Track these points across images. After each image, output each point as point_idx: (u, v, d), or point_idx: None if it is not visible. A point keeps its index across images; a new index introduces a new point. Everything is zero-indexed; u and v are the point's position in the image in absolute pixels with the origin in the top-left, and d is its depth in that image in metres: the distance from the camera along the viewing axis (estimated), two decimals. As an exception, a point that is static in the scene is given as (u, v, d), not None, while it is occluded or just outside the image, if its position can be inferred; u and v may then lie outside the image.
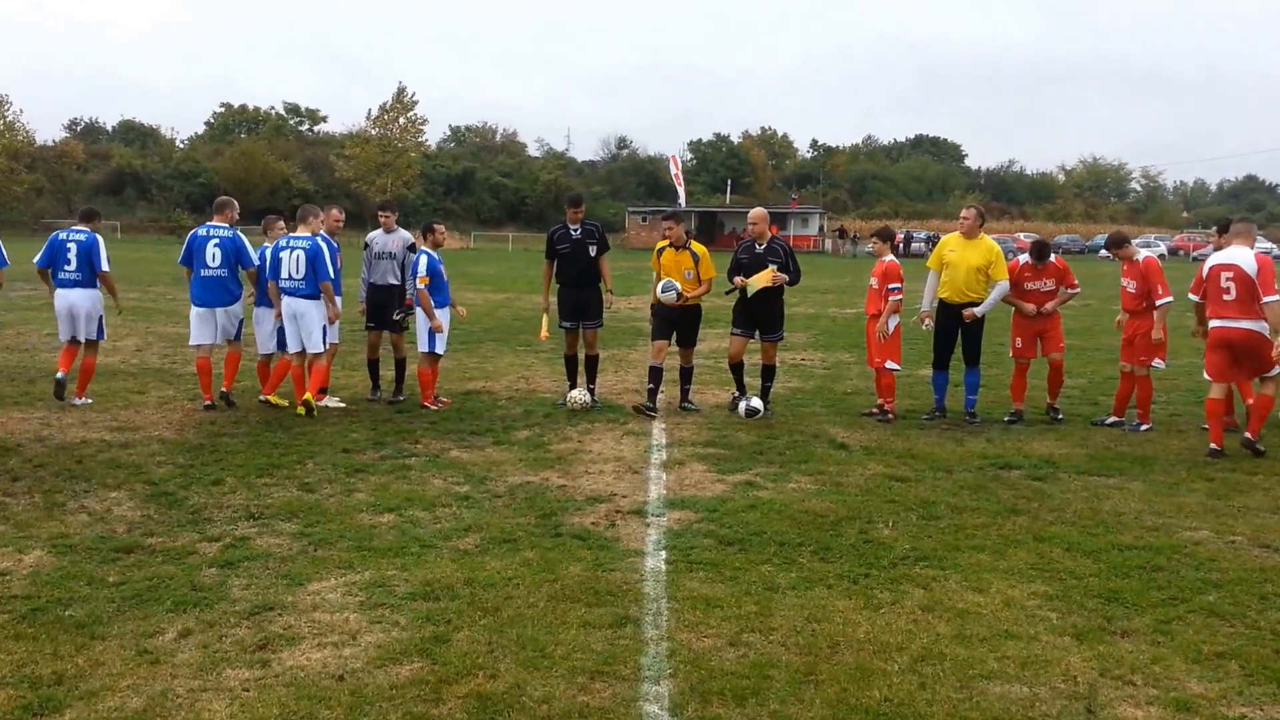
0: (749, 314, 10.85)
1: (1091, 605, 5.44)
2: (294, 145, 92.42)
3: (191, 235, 10.74)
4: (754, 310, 10.75)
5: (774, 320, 10.81)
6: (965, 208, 10.86)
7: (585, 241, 11.05)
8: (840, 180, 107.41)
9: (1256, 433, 8.94)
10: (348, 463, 8.28)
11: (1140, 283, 10.02)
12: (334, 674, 4.51)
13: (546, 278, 11.27)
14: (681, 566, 5.93)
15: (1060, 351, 10.66)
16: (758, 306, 10.71)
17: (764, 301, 10.66)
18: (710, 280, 10.87)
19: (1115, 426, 10.07)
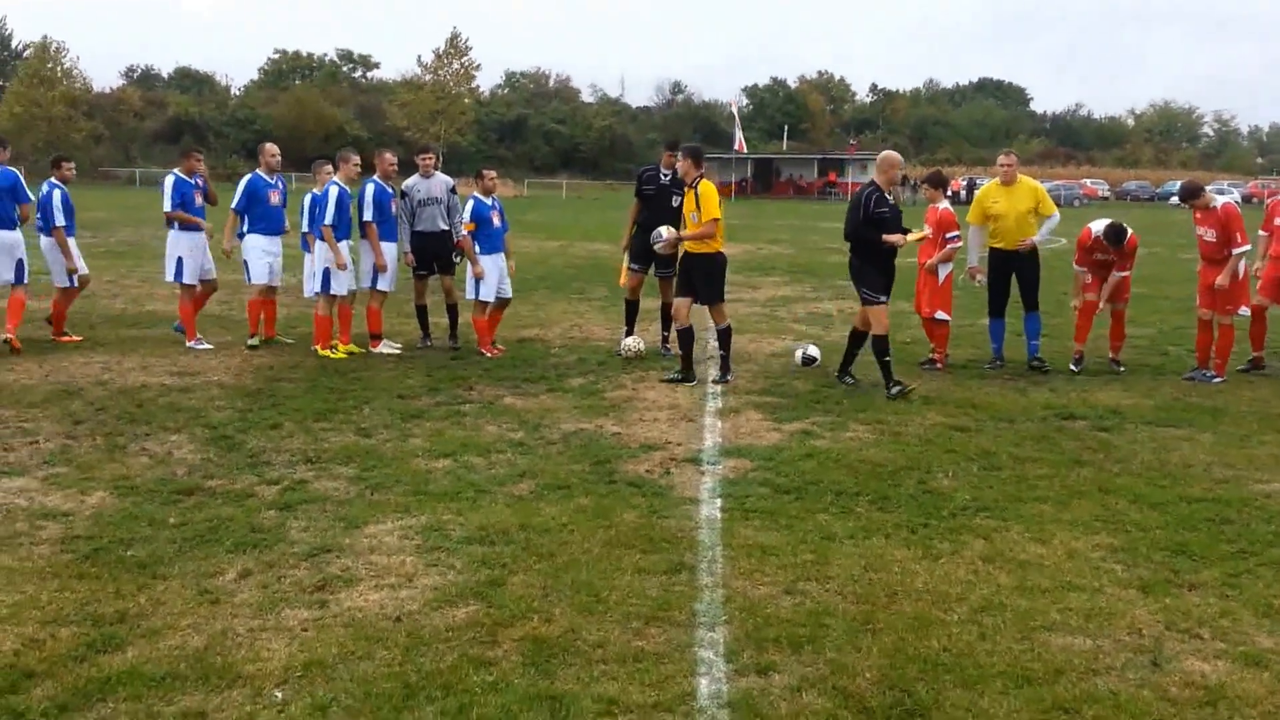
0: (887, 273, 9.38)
1: (1158, 558, 5.31)
2: (347, 92, 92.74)
3: None
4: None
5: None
6: (1004, 154, 10.47)
7: (670, 189, 10.49)
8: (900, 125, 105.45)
9: None
10: (403, 408, 8.32)
11: (1220, 230, 9.69)
12: (391, 615, 4.55)
13: (630, 218, 10.84)
14: (736, 514, 5.89)
15: (1124, 302, 10.36)
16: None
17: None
18: (713, 222, 9.27)
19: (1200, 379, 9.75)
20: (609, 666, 4.11)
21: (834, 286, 17.91)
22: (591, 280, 18.25)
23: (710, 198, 9.23)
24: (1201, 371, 9.84)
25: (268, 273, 10.95)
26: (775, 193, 76.97)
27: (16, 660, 4.09)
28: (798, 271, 20.59)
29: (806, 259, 23.57)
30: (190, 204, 10.86)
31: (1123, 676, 4.09)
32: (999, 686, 3.98)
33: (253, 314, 11.06)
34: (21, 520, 5.67)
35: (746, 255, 23.87)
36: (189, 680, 3.98)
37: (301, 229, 10.83)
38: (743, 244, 26.53)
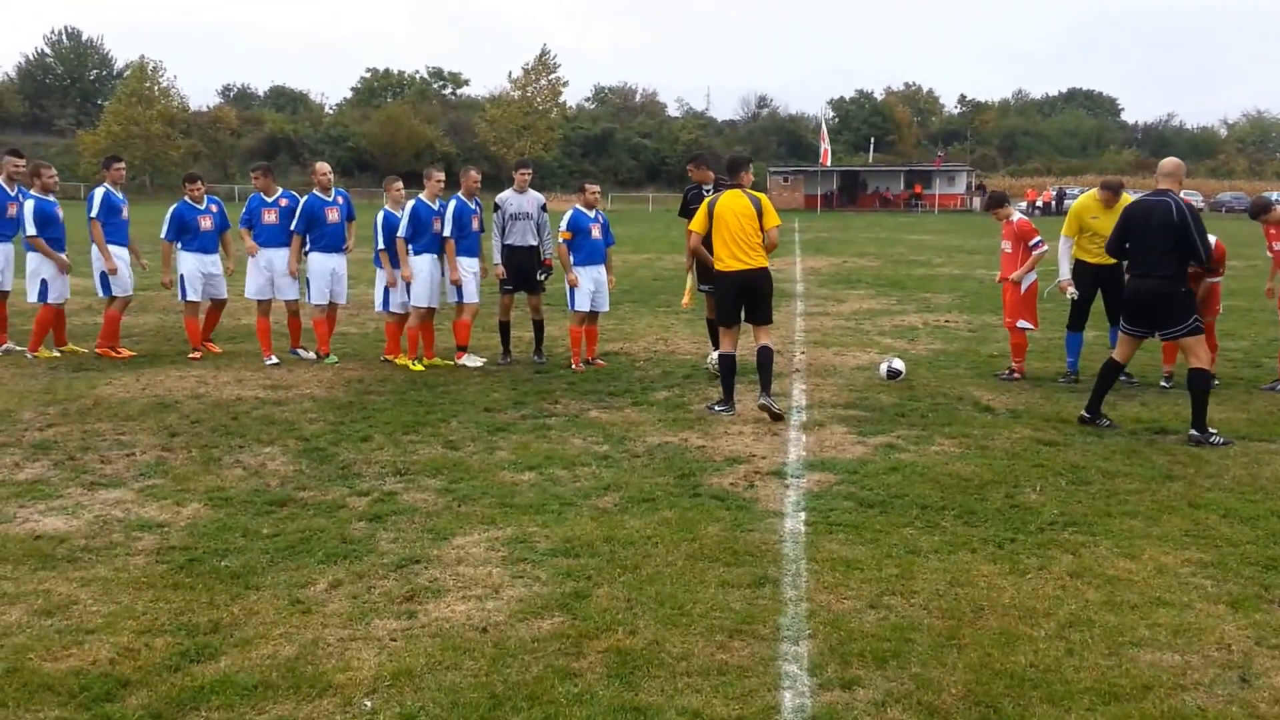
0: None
1: (1248, 573, 5.17)
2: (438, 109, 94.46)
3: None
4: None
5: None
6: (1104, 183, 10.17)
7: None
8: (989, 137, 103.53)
9: None
10: (490, 422, 8.46)
11: None
12: (478, 626, 4.62)
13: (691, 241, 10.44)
14: (821, 528, 5.87)
15: (1214, 314, 10.00)
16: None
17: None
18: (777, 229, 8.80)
19: None
20: (693, 679, 4.13)
21: (919, 300, 17.70)
22: (677, 294, 18.24)
23: (770, 204, 8.80)
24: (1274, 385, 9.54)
25: (328, 292, 11.22)
26: (861, 205, 76.17)
27: (112, 669, 4.18)
28: (883, 284, 20.38)
29: (892, 272, 23.31)
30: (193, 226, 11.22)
31: (1211, 693, 4.00)
32: (1086, 703, 3.92)
33: (318, 332, 11.35)
34: (118, 531, 5.83)
35: (832, 268, 23.71)
36: (280, 689, 4.05)
37: (376, 246, 11.01)
38: (829, 257, 26.37)
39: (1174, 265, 7.86)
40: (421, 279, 10.75)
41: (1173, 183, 8.09)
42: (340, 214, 11.29)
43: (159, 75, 77.58)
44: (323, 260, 11.20)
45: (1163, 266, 7.85)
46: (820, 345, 12.51)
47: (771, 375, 8.64)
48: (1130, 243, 8.09)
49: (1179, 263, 7.87)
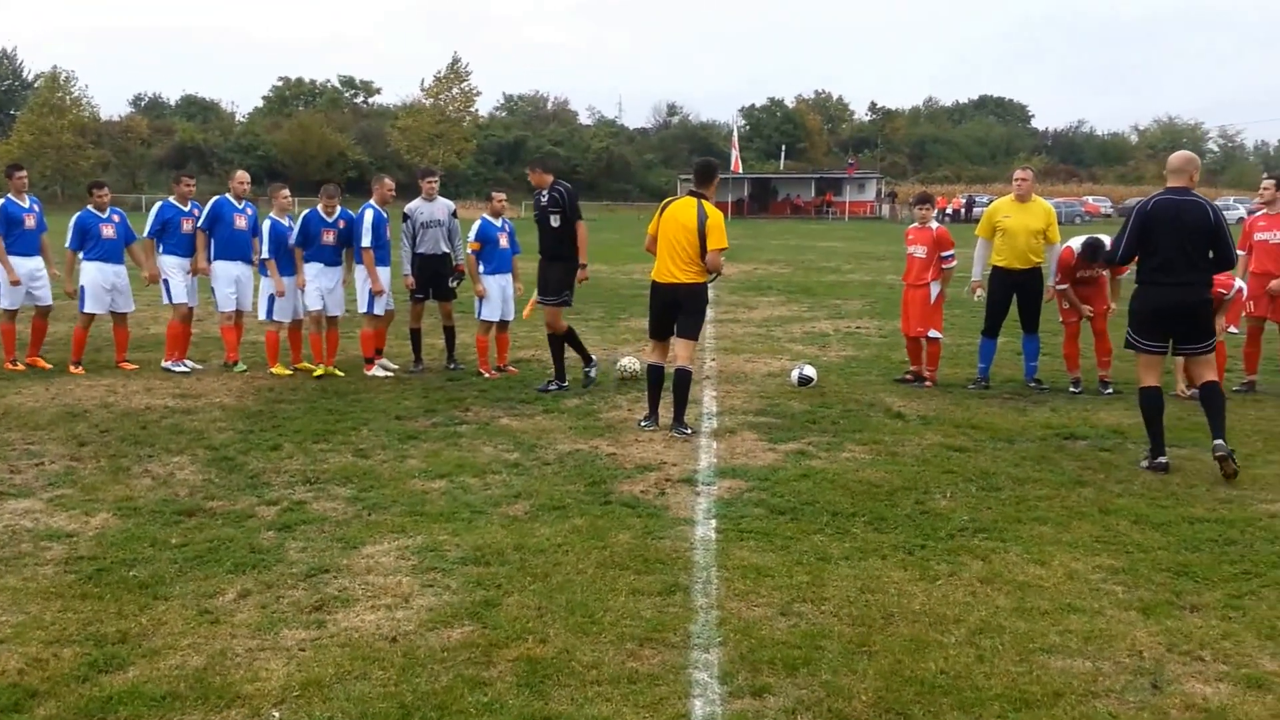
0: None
1: (1159, 579, 5.29)
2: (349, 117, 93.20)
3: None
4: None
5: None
6: (1021, 169, 10.47)
7: (547, 209, 10.00)
8: (899, 144, 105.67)
9: None
10: (400, 429, 8.33)
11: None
12: (387, 635, 4.55)
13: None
14: (732, 535, 5.87)
15: (1102, 313, 10.18)
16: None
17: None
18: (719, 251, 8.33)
19: None
20: (603, 688, 4.09)
21: (830, 306, 17.94)
22: (588, 301, 18.26)
23: (720, 225, 8.31)
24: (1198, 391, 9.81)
25: (233, 299, 11.00)
26: (773, 212, 77.13)
27: (20, 679, 4.13)
28: (794, 291, 20.61)
29: (803, 278, 23.60)
30: (176, 229, 10.93)
31: (1122, 699, 4.06)
32: (996, 710, 3.96)
33: (226, 340, 11.11)
34: (26, 541, 5.71)
35: (743, 275, 23.92)
36: (189, 700, 4.00)
37: (261, 255, 10.79)
38: (740, 264, 26.59)
39: (1208, 272, 7.25)
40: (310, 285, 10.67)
41: (1186, 179, 7.27)
42: (248, 223, 11.07)
43: (70, 85, 75.68)
44: (227, 268, 10.95)
45: (1197, 273, 7.15)
46: (731, 352, 12.58)
47: (686, 402, 8.49)
48: (1154, 247, 7.21)
49: (1210, 270, 7.27)
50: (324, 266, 10.72)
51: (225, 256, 10.95)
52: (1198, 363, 7.36)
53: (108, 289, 10.89)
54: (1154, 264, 7.22)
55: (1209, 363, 7.33)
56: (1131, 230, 7.31)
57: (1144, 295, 7.33)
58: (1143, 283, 7.35)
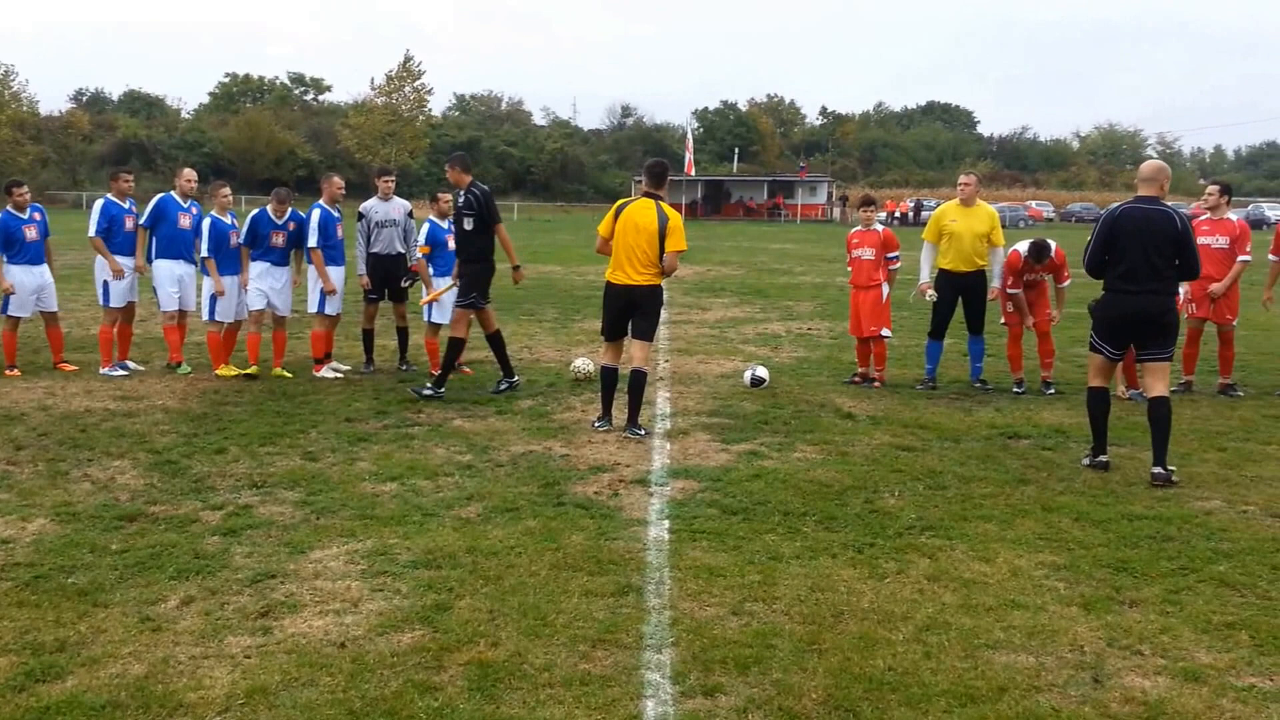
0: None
1: (1100, 575, 5.39)
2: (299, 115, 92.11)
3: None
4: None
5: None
6: (965, 174, 10.65)
7: (461, 211, 9.75)
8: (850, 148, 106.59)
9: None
10: (350, 432, 8.25)
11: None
12: (335, 641, 4.50)
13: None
14: (684, 535, 5.89)
15: (1045, 318, 10.39)
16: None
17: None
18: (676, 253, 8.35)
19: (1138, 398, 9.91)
20: (555, 690, 4.09)
21: (782, 308, 18.06)
22: (542, 302, 18.25)
23: (680, 227, 8.33)
24: (1139, 392, 10.02)
25: (176, 298, 10.84)
26: (725, 214, 77.42)
27: None
28: (747, 293, 20.72)
29: (755, 280, 23.73)
30: (119, 228, 10.73)
31: (1064, 694, 4.14)
32: (943, 705, 4.01)
33: (169, 340, 10.96)
34: None
35: (697, 276, 24.00)
36: (129, 709, 3.92)
37: (201, 253, 10.65)
38: (693, 265, 26.67)
39: (1174, 280, 7.35)
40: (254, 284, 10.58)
41: (1156, 188, 7.33)
42: (193, 222, 10.90)
43: (10, 80, 73.85)
44: (170, 267, 10.80)
45: (1163, 280, 7.21)
46: (685, 353, 12.62)
47: (641, 403, 8.50)
48: (1121, 254, 7.23)
49: (1177, 277, 7.37)
50: (270, 266, 10.60)
51: (169, 255, 10.78)
52: (1152, 371, 7.39)
53: (32, 291, 10.65)
54: (1120, 271, 7.25)
55: (1164, 373, 7.35)
56: (1098, 238, 7.33)
57: (1109, 302, 7.37)
58: (1109, 290, 7.39)
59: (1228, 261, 10.13)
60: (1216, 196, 10.47)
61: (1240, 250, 10.12)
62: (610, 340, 8.64)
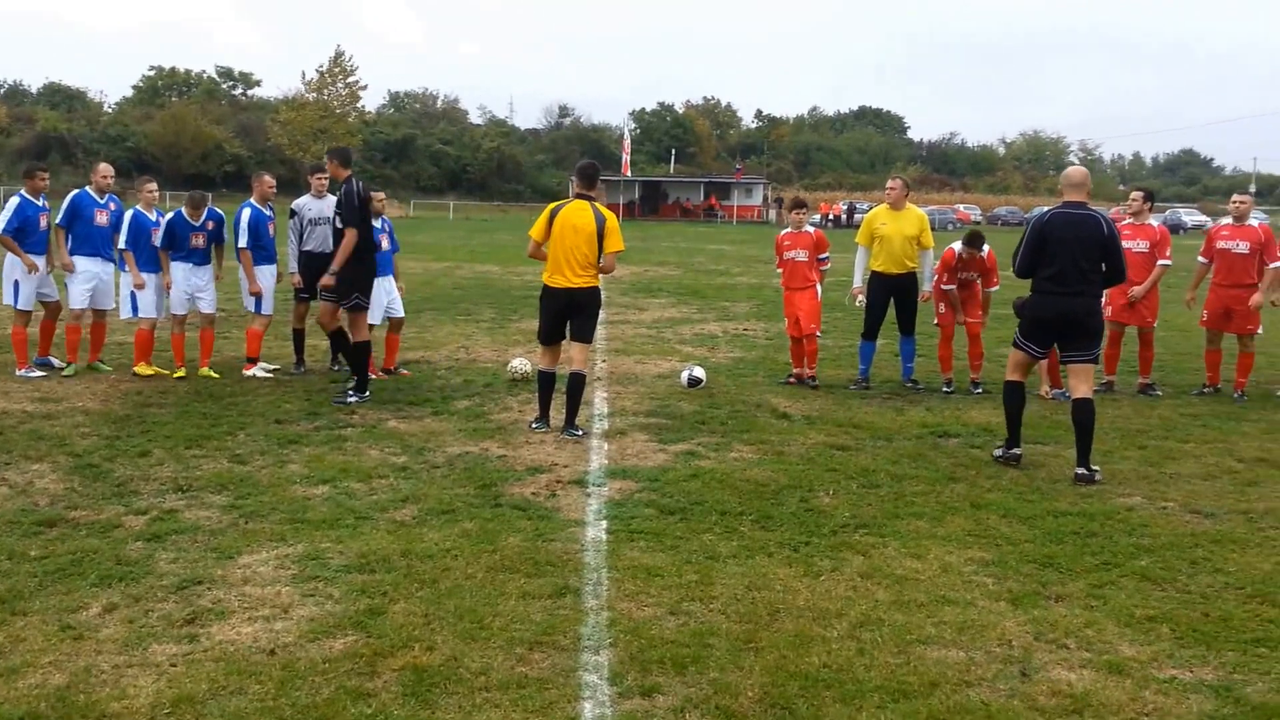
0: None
1: (1027, 570, 5.50)
2: (227, 110, 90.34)
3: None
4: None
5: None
6: (891, 178, 10.83)
7: (336, 208, 9.44)
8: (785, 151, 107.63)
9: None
10: (280, 434, 8.11)
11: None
12: (265, 648, 4.42)
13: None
14: (622, 536, 5.89)
15: (977, 320, 10.61)
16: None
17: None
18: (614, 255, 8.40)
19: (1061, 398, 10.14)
20: (492, 694, 4.06)
21: (719, 308, 18.16)
22: (479, 302, 18.13)
23: (617, 227, 8.37)
24: (1062, 392, 10.26)
25: (87, 297, 10.57)
26: (662, 215, 77.63)
27: None
28: (684, 293, 20.80)
29: (692, 281, 23.82)
30: (33, 227, 10.42)
31: (994, 687, 4.21)
32: (876, 701, 4.06)
33: (69, 340, 10.61)
34: None
35: (634, 277, 24.02)
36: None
37: (119, 245, 10.40)
38: (630, 265, 26.68)
39: (1100, 283, 7.51)
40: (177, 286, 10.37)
41: (1083, 193, 7.60)
42: (110, 219, 10.64)
43: (-74, 72, 71.32)
44: (85, 264, 10.51)
45: (1090, 283, 7.40)
46: (622, 353, 12.62)
47: (579, 404, 8.49)
48: (1051, 258, 7.39)
49: (1102, 282, 7.54)
50: (193, 266, 10.40)
51: (84, 253, 10.48)
52: (1076, 373, 7.52)
53: None
54: (1049, 274, 7.41)
55: (1088, 374, 7.52)
56: (1029, 242, 7.49)
57: (1038, 303, 7.56)
58: (1038, 291, 7.55)
59: (1148, 265, 10.40)
60: (1140, 202, 10.76)
61: (1160, 255, 10.39)
62: (548, 344, 8.58)
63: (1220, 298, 10.47)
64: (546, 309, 8.47)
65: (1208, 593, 5.23)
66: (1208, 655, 4.52)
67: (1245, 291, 10.33)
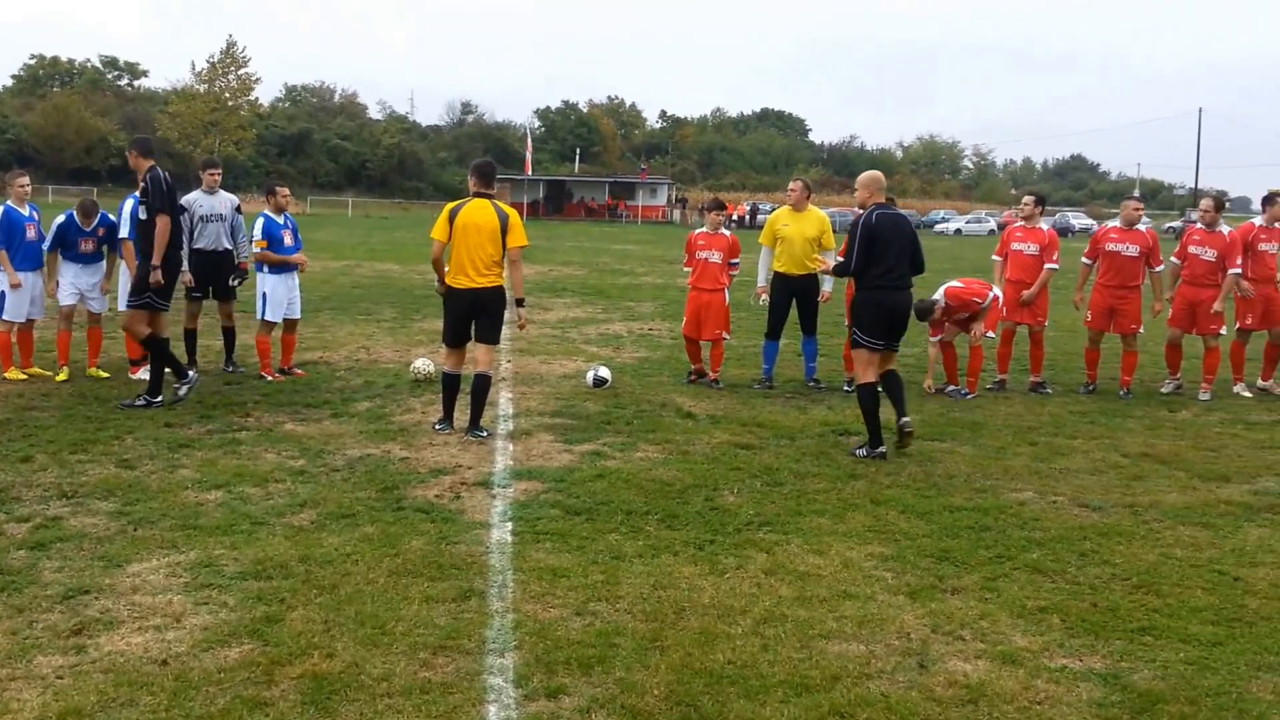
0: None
1: (924, 564, 5.63)
2: (113, 101, 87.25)
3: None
4: None
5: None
6: (792, 180, 10.99)
7: (139, 200, 8.99)
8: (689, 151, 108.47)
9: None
10: (171, 437, 7.85)
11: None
12: (156, 659, 4.27)
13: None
14: (528, 537, 5.85)
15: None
16: None
17: None
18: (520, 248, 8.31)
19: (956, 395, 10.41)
20: (394, 700, 3.99)
21: (624, 308, 18.19)
22: (379, 301, 17.83)
23: (519, 223, 8.28)
24: (956, 389, 10.54)
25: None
26: (567, 214, 77.51)
27: None
28: (589, 293, 20.79)
29: (597, 281, 23.83)
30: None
31: (893, 679, 4.30)
32: (780, 695, 4.11)
33: None
34: None
35: (539, 276, 23.91)
36: (-78, 740, 3.63)
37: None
38: (535, 265, 26.56)
39: (911, 277, 8.06)
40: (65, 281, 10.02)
41: (885, 195, 8.20)
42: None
43: None
44: None
45: (908, 277, 7.98)
46: (527, 354, 12.55)
47: (484, 406, 8.39)
48: (880, 256, 7.79)
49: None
50: (83, 266, 10.03)
51: None
52: (889, 357, 8.07)
53: None
54: (881, 270, 7.82)
55: (895, 355, 8.18)
56: (861, 242, 7.85)
57: (875, 299, 7.90)
58: (872, 288, 7.89)
59: (1038, 267, 10.74)
60: (1031, 206, 11.11)
61: (1048, 258, 10.74)
62: (453, 346, 8.46)
63: (1105, 298, 10.87)
64: (451, 310, 8.35)
65: (1096, 584, 5.42)
66: (1096, 644, 4.69)
67: (1131, 293, 10.74)
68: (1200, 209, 11.17)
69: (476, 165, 8.50)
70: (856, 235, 7.88)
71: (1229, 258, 10.63)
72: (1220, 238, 10.72)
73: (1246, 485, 7.39)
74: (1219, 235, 10.73)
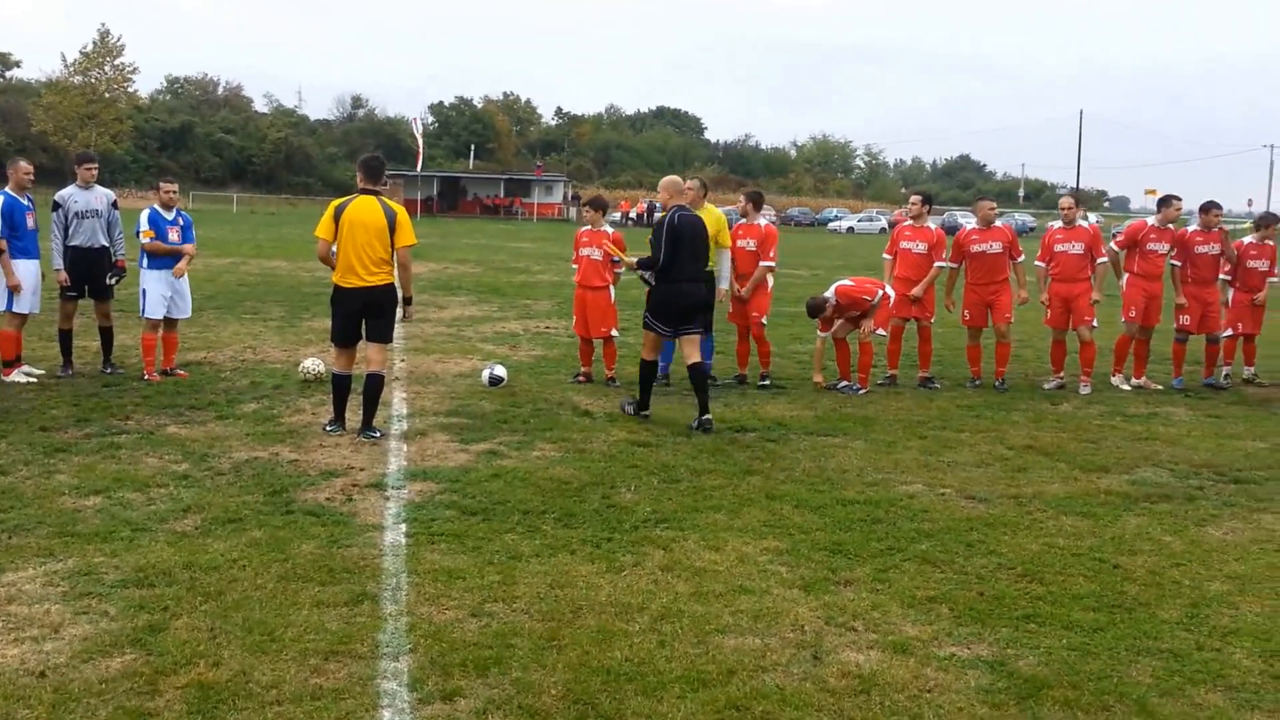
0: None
1: (818, 558, 5.73)
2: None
3: None
4: None
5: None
6: (689, 179, 11.01)
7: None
8: (585, 148, 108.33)
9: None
10: (46, 442, 7.52)
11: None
12: (34, 670, 4.10)
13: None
14: (422, 539, 5.78)
15: (761, 314, 10.83)
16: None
17: None
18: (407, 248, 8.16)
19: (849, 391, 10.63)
20: (284, 708, 3.89)
21: (520, 306, 18.09)
22: (266, 299, 17.39)
23: (408, 221, 8.15)
24: (849, 385, 10.76)
25: None
26: (462, 211, 76.70)
27: None
28: (484, 291, 20.60)
29: (493, 279, 23.63)
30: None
31: (788, 672, 4.37)
32: (677, 691, 4.14)
33: None
34: None
35: (433, 274, 23.60)
36: None
37: None
38: (429, 262, 26.23)
39: (703, 270, 9.23)
40: None
41: (685, 198, 9.28)
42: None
43: None
44: None
45: (701, 272, 9.12)
46: (421, 352, 12.38)
47: (376, 406, 8.25)
48: (680, 253, 8.75)
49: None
50: None
51: None
52: (691, 343, 8.98)
53: None
54: (679, 266, 8.81)
55: (698, 343, 9.05)
56: (668, 240, 8.77)
57: (673, 291, 8.88)
58: (670, 281, 8.86)
59: (926, 265, 11.04)
60: (919, 205, 11.43)
61: (937, 255, 11.06)
62: (342, 346, 8.28)
63: (979, 295, 11.25)
64: (341, 310, 8.16)
65: (982, 573, 5.59)
66: (983, 632, 4.84)
67: (1000, 286, 11.18)
68: (1061, 207, 11.56)
69: (364, 161, 8.31)
70: (662, 233, 8.78)
71: (1095, 247, 11.10)
72: (1083, 230, 11.18)
73: (1125, 475, 7.70)
74: (1080, 229, 11.18)
